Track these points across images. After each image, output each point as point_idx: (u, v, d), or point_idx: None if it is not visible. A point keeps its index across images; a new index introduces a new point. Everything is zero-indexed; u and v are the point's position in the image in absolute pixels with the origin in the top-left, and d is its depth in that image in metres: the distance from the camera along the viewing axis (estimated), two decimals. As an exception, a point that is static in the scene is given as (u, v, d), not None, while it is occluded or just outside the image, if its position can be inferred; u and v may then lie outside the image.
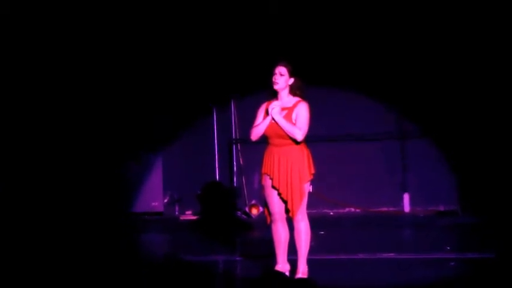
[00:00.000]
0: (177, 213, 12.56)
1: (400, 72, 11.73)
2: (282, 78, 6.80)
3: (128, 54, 11.72)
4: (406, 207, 12.09)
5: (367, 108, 11.99)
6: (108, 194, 11.74)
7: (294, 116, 6.74)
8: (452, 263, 7.72)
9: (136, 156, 12.09)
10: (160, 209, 12.36)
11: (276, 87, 6.81)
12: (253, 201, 12.01)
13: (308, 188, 6.80)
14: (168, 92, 12.16)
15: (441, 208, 11.80)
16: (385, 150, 12.19)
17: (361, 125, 12.10)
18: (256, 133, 6.85)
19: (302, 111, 6.74)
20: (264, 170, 6.84)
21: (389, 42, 11.54)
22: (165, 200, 12.46)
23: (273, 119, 6.73)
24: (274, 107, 6.74)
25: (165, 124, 12.20)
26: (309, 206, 6.85)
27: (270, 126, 6.77)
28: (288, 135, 6.71)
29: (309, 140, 6.80)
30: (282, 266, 6.88)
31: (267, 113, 6.80)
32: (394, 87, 11.78)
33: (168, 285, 7.10)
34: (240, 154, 12.63)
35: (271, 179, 6.78)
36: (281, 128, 6.71)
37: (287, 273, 6.86)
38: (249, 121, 7.05)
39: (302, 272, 6.79)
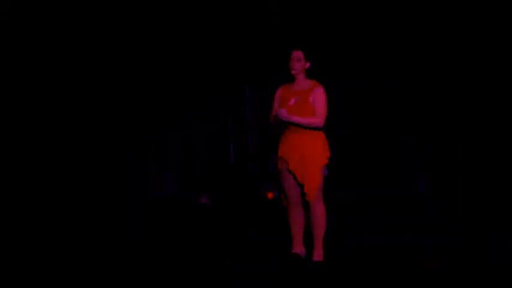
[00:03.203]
0: (192, 197, 12.56)
1: (411, 63, 11.71)
2: (299, 63, 6.78)
3: (151, 42, 11.77)
4: (423, 191, 12.06)
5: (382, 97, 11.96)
6: (123, 178, 11.77)
7: (311, 99, 6.72)
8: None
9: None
10: (176, 193, 12.36)
11: (293, 72, 6.79)
12: (268, 185, 11.99)
13: (324, 172, 6.80)
14: (182, 77, 12.16)
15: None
16: (400, 136, 12.16)
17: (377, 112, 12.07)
18: (273, 122, 6.86)
19: (319, 96, 6.72)
20: (280, 153, 6.84)
21: (402, 34, 11.53)
22: (181, 185, 12.47)
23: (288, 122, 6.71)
24: (281, 114, 6.67)
25: (179, 108, 12.20)
26: (325, 189, 6.84)
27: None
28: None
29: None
30: (298, 249, 6.88)
31: (281, 103, 6.78)
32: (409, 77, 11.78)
33: (181, 270, 7.11)
34: (255, 137, 12.61)
35: (287, 162, 6.77)
36: (297, 111, 6.68)
37: (303, 257, 6.87)
38: (264, 104, 7.03)
39: (318, 255, 6.79)
